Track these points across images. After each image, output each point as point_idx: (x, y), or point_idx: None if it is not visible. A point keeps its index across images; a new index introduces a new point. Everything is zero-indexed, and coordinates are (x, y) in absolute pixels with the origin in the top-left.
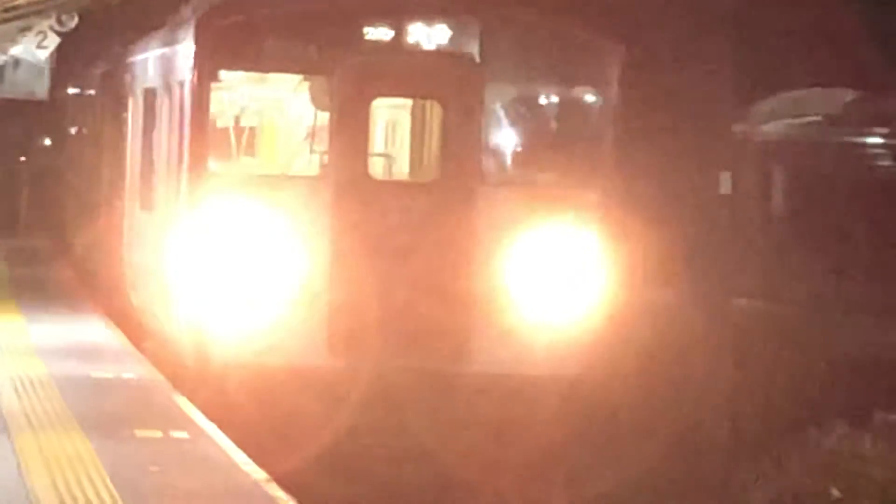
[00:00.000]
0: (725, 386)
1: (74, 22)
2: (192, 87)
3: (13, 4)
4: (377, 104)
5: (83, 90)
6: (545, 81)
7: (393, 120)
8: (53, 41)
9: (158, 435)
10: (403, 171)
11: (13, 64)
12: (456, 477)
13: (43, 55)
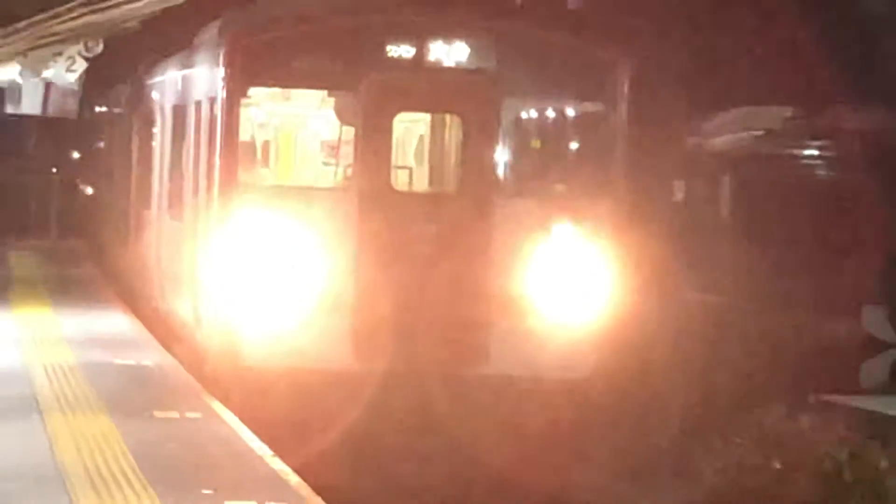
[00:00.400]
0: (680, 372)
1: (100, 48)
2: (222, 102)
3: (47, 32)
4: (399, 118)
5: (109, 109)
6: (558, 96)
7: (414, 134)
8: (81, 65)
9: (175, 415)
10: (424, 182)
11: (45, 85)
12: (475, 475)
13: (72, 78)
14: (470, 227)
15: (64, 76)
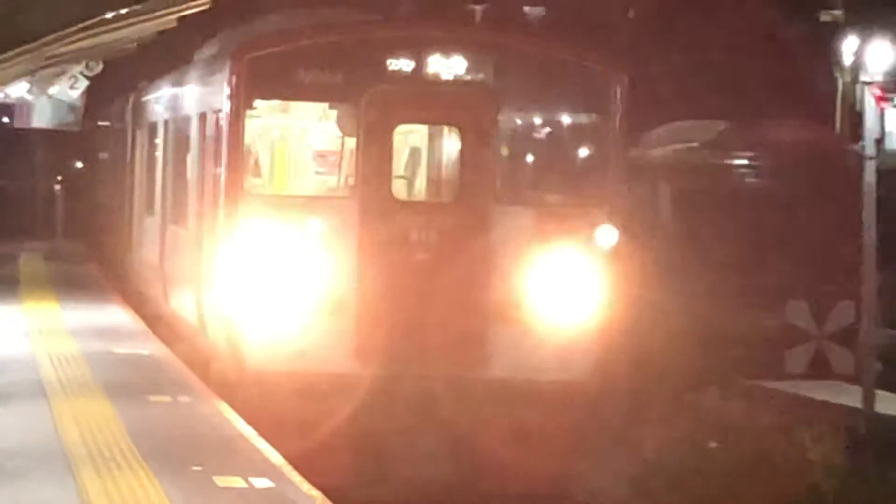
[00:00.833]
0: (626, 361)
1: (100, 67)
2: (228, 114)
3: (53, 54)
4: (400, 130)
5: (109, 122)
6: (554, 108)
7: (415, 145)
8: (83, 83)
9: (167, 399)
10: (424, 192)
11: (51, 101)
12: (476, 476)
13: (75, 94)
14: (469, 234)
15: (68, 93)
